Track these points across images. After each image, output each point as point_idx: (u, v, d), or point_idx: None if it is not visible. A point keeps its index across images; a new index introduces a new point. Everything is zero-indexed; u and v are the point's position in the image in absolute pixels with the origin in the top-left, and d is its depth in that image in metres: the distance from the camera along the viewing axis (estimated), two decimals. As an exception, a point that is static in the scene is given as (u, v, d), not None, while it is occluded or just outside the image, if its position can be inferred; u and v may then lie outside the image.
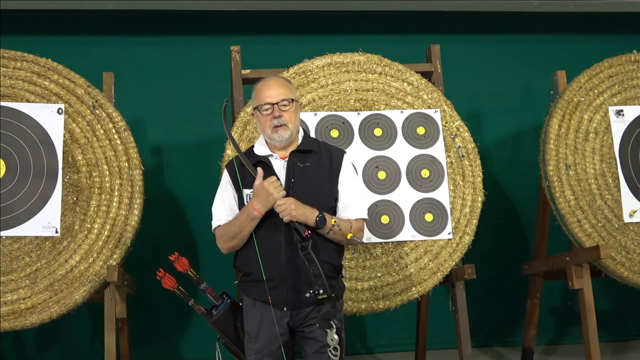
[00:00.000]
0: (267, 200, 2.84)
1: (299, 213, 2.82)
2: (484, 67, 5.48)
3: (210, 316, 3.04)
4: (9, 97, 3.93)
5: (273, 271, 2.88)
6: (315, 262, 2.77)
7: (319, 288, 2.76)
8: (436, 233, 4.01)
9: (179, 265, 3.02)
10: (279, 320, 2.89)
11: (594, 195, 4.15)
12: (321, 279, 2.76)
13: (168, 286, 3.05)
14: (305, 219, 2.84)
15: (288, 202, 2.83)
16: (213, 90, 4.96)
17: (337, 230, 2.89)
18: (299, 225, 2.81)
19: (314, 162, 2.99)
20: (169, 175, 5.15)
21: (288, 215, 2.81)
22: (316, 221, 2.84)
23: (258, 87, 3.03)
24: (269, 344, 2.91)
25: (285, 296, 2.89)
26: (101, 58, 4.91)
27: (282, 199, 2.83)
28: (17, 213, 3.81)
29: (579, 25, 5.59)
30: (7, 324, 3.69)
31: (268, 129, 2.96)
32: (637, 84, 4.39)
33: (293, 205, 2.82)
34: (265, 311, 2.91)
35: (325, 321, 2.77)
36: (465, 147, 4.14)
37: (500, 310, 5.43)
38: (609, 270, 4.10)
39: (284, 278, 2.88)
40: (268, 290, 2.87)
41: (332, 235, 2.91)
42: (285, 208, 2.81)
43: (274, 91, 2.98)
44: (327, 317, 2.77)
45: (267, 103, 2.95)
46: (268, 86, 3.00)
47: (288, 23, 5.31)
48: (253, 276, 2.93)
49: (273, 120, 2.94)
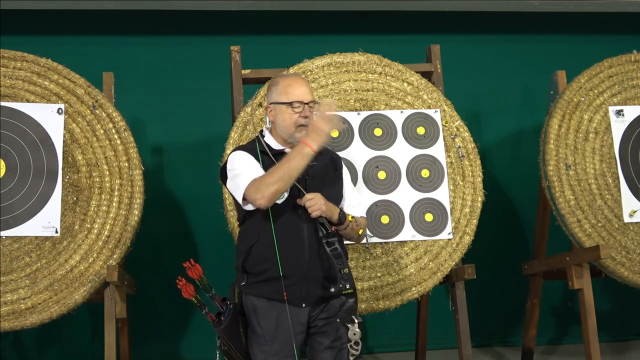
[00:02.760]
0: (321, 135, 2.78)
1: (328, 208, 2.85)
2: (484, 67, 5.48)
3: (219, 324, 2.92)
4: (9, 97, 3.93)
5: (294, 267, 2.85)
6: (343, 257, 2.80)
7: (346, 283, 2.77)
8: (436, 233, 4.01)
9: (193, 272, 2.94)
10: (298, 317, 2.87)
11: (594, 195, 4.15)
12: (347, 274, 2.78)
13: (187, 295, 2.96)
14: (331, 215, 2.88)
15: (317, 197, 2.84)
16: (213, 90, 4.98)
17: (355, 225, 2.94)
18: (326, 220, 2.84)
19: (320, 161, 2.99)
20: (169, 175, 5.15)
21: (318, 210, 2.82)
22: (339, 217, 2.89)
23: (289, 83, 2.98)
24: (288, 343, 2.85)
25: (305, 293, 2.87)
26: (101, 58, 4.90)
27: (311, 194, 2.84)
28: (17, 213, 3.81)
29: (579, 25, 5.59)
30: (7, 324, 3.69)
31: (292, 126, 2.92)
32: (637, 84, 4.39)
33: (322, 200, 2.84)
34: (282, 310, 2.85)
35: (347, 316, 2.77)
36: (465, 147, 4.14)
37: (500, 310, 5.43)
38: (609, 270, 4.10)
39: (305, 274, 2.86)
40: (285, 288, 2.83)
41: (347, 231, 2.95)
42: (315, 203, 2.82)
43: (306, 89, 2.97)
44: (350, 312, 2.77)
45: (300, 101, 2.93)
46: (300, 84, 2.98)
47: (288, 23, 5.31)
48: (268, 273, 2.87)
49: (301, 119, 2.92)
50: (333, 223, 2.89)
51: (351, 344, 2.75)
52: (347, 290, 2.77)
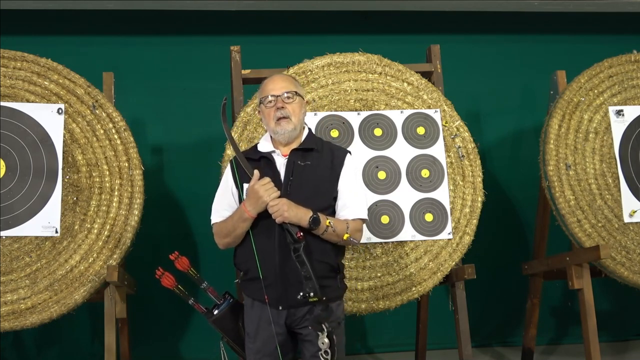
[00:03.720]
0: (257, 202, 2.84)
1: (292, 214, 2.82)
2: (484, 67, 5.48)
3: (210, 315, 3.05)
4: (9, 97, 3.93)
5: (268, 270, 2.88)
6: (306, 264, 2.76)
7: (310, 291, 2.75)
8: (436, 233, 4.01)
9: (179, 264, 3.03)
10: (275, 319, 2.89)
11: (594, 195, 4.15)
12: (312, 282, 2.75)
13: (167, 284, 3.06)
14: (298, 220, 2.83)
15: (280, 203, 2.82)
16: (213, 90, 4.95)
17: (332, 231, 2.88)
18: (291, 226, 2.80)
19: (314, 160, 2.98)
20: (169, 175, 5.15)
21: (280, 217, 2.81)
22: (309, 222, 2.83)
23: (264, 82, 3.07)
24: (266, 344, 2.91)
25: (280, 295, 2.88)
26: (101, 58, 4.90)
27: (274, 200, 2.82)
28: (17, 213, 3.81)
29: (579, 25, 5.59)
30: (7, 324, 3.69)
31: (272, 121, 2.97)
32: (637, 84, 4.39)
33: (285, 207, 2.81)
34: (262, 310, 2.91)
35: (316, 324, 2.76)
36: (465, 147, 4.14)
37: (500, 310, 5.43)
38: (609, 270, 4.10)
39: (278, 277, 2.87)
40: (264, 289, 2.87)
41: (327, 236, 2.90)
42: (277, 209, 2.81)
43: (278, 84, 3.01)
44: (318, 320, 2.76)
45: (271, 95, 2.97)
46: (273, 80, 3.04)
47: (288, 23, 5.31)
48: (250, 274, 2.94)
49: (276, 112, 2.95)
50: (305, 229, 2.83)
51: (321, 353, 2.76)
52: (312, 298, 2.75)
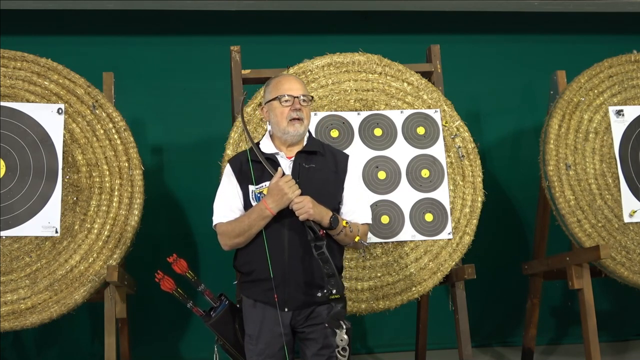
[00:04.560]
0: (282, 199, 2.81)
1: (316, 212, 2.81)
2: (484, 67, 5.48)
3: (208, 318, 3.03)
4: (9, 97, 3.93)
5: (274, 271, 2.86)
6: (330, 261, 2.76)
7: (332, 288, 2.75)
8: (436, 233, 4.01)
9: (177, 267, 3.01)
10: (281, 320, 2.87)
11: (594, 195, 4.15)
12: (335, 279, 2.76)
13: (167, 288, 3.04)
14: (320, 219, 2.83)
15: (305, 200, 2.81)
16: (213, 90, 4.97)
17: (349, 231, 2.89)
18: (314, 224, 2.80)
19: (319, 163, 2.98)
20: (169, 175, 5.15)
21: (305, 214, 2.79)
22: (330, 221, 2.84)
23: (278, 80, 3.03)
24: (270, 345, 2.89)
25: (287, 296, 2.87)
26: (101, 58, 4.90)
27: (299, 197, 2.81)
28: (17, 213, 3.81)
29: (579, 25, 5.59)
30: (7, 324, 3.69)
31: (284, 120, 2.94)
32: (637, 84, 4.39)
33: (310, 204, 2.80)
34: (266, 311, 2.89)
35: (335, 321, 2.75)
36: (465, 147, 4.14)
37: (500, 310, 5.43)
38: (609, 270, 4.10)
39: (286, 278, 2.87)
40: (268, 290, 2.85)
41: (341, 237, 2.91)
42: (302, 206, 2.79)
43: (295, 85, 2.99)
44: (337, 317, 2.75)
45: (289, 95, 2.95)
46: (289, 80, 3.02)
47: (288, 23, 5.31)
48: (254, 275, 2.91)
49: (292, 112, 2.93)
50: (324, 227, 2.84)
51: (339, 350, 2.74)
52: (334, 295, 2.75)
